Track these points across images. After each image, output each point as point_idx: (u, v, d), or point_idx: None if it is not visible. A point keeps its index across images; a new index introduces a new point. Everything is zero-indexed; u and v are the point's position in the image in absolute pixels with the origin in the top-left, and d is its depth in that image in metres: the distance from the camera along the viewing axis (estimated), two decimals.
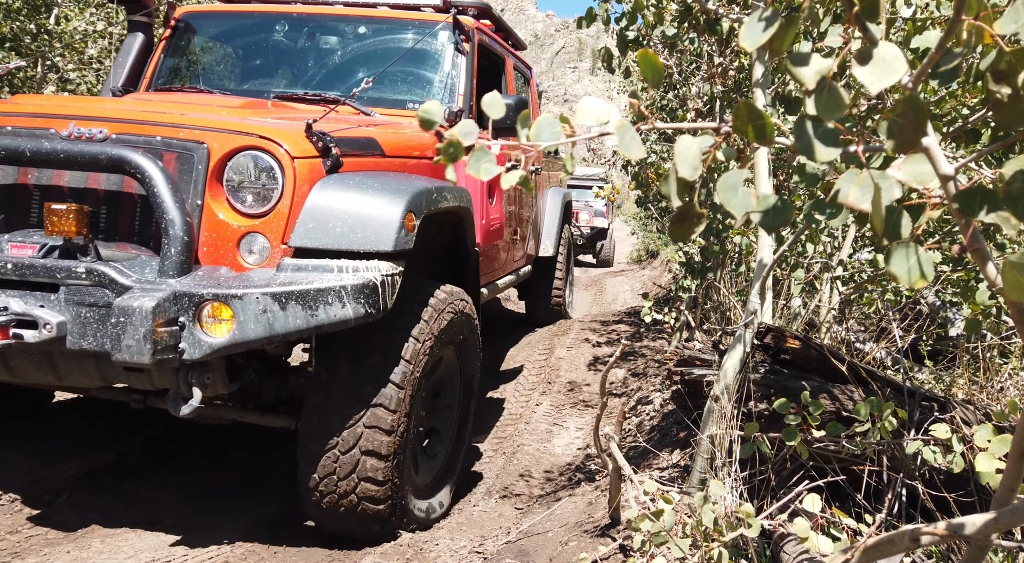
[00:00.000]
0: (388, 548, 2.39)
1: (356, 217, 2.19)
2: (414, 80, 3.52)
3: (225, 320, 2.02)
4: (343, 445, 2.23)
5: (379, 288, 2.12)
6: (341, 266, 2.13)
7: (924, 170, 0.71)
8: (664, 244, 8.49)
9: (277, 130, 2.25)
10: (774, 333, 2.09)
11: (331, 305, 2.05)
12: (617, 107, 0.78)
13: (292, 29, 3.58)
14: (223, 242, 2.17)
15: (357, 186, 2.28)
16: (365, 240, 2.17)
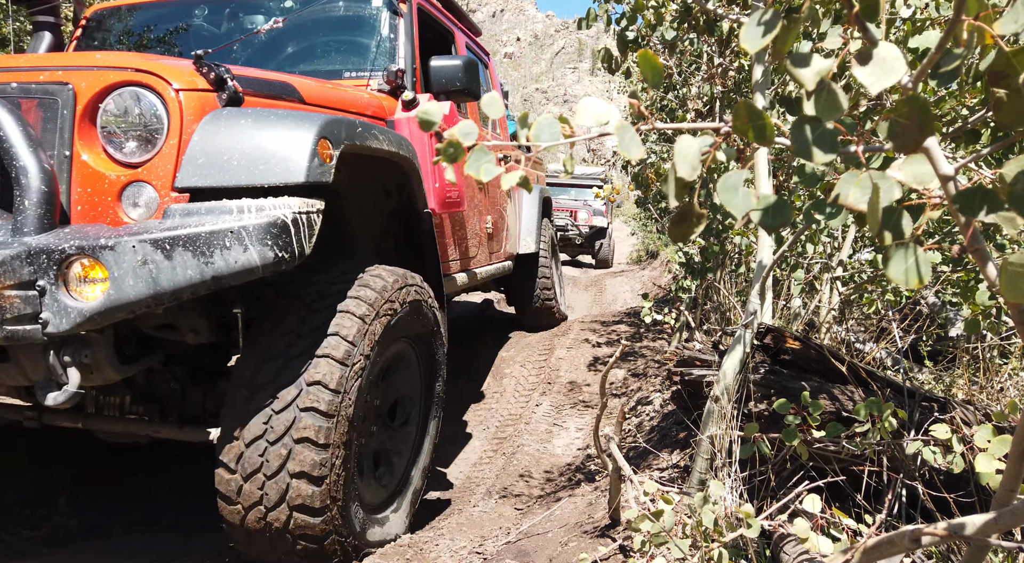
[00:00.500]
0: (388, 549, 2.39)
1: (257, 147, 1.84)
2: (349, 48, 3.27)
3: (98, 281, 1.67)
4: (268, 466, 1.86)
5: (291, 227, 1.79)
6: (242, 206, 1.78)
7: (924, 170, 0.71)
8: (664, 244, 8.50)
9: (158, 63, 1.93)
10: (774, 333, 2.09)
11: (229, 250, 1.71)
12: (617, 107, 0.78)
13: (213, 12, 3.35)
14: (100, 197, 1.83)
15: (256, 115, 1.93)
16: (269, 172, 1.83)
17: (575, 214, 12.87)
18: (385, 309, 2.18)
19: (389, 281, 2.24)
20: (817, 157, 0.71)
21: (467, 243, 3.86)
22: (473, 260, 3.99)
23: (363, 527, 2.17)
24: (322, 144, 1.93)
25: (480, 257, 4.13)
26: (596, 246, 13.10)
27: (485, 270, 4.19)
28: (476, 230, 4.03)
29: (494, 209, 4.53)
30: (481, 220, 4.17)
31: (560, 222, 12.55)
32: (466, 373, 4.69)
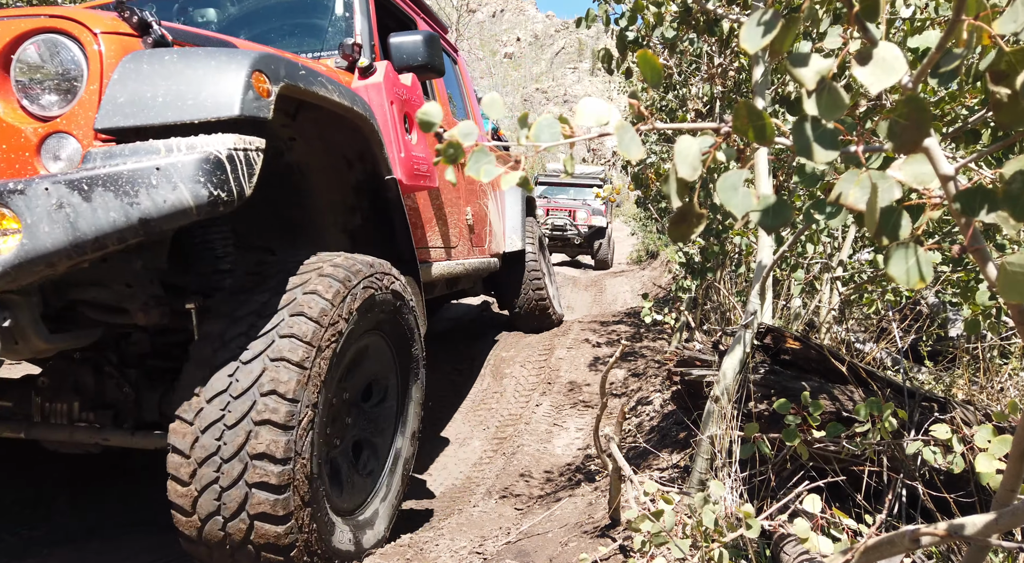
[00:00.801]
0: (388, 549, 2.39)
1: (185, 81, 1.70)
2: (306, 31, 3.19)
3: (10, 232, 1.52)
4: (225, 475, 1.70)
5: (225, 164, 1.64)
6: (171, 145, 1.63)
7: (924, 170, 0.71)
8: (664, 245, 8.50)
9: (75, 9, 1.82)
10: (774, 333, 2.09)
11: (156, 188, 1.56)
12: (617, 108, 0.78)
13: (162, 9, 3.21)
14: (17, 152, 1.71)
15: (183, 53, 1.78)
16: (199, 107, 1.68)
17: (574, 214, 12.70)
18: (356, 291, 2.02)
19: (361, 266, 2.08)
20: (817, 157, 0.71)
21: (446, 230, 3.71)
22: (454, 250, 3.87)
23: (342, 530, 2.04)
24: (257, 77, 1.77)
25: (462, 248, 4.01)
26: (595, 246, 12.91)
27: (468, 262, 4.07)
28: (455, 218, 3.90)
29: (473, 200, 4.38)
30: (460, 208, 4.04)
31: (558, 222, 12.45)
32: (466, 373, 4.69)
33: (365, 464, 2.36)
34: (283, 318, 1.82)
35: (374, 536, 2.25)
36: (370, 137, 2.43)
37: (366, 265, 2.12)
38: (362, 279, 2.06)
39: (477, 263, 4.26)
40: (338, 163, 2.52)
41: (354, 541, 2.10)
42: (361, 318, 2.07)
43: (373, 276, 2.14)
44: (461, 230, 4.02)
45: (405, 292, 2.37)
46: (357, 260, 2.11)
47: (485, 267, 4.51)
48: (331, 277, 1.95)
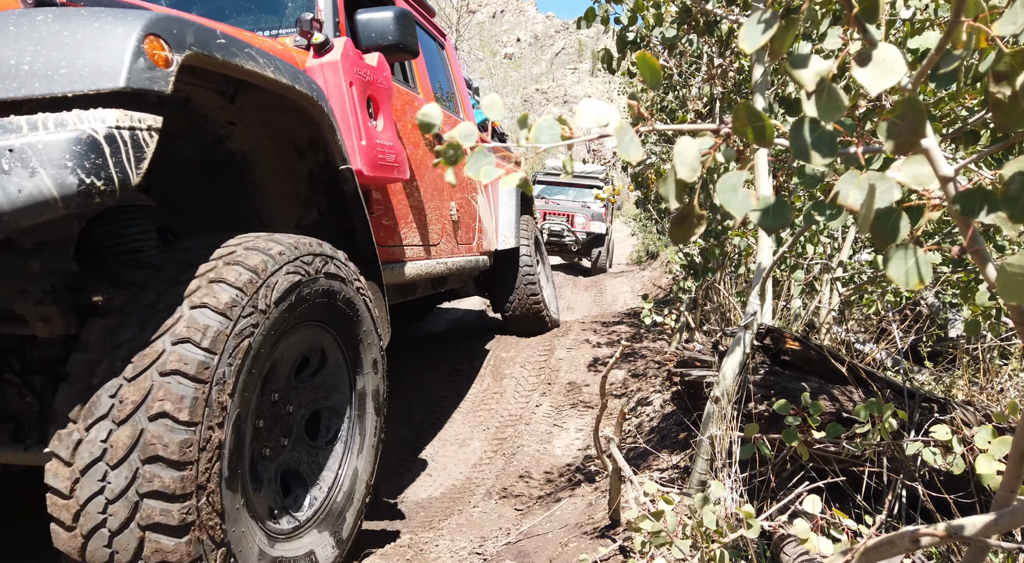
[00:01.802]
0: (389, 549, 2.39)
1: (59, 46, 1.40)
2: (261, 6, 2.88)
3: None
4: (110, 489, 1.42)
5: (103, 145, 1.36)
6: (36, 121, 1.35)
7: (924, 171, 0.71)
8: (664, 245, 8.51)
9: None
10: (774, 334, 2.09)
11: (9, 175, 1.29)
12: (617, 108, 0.78)
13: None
14: None
15: (61, 12, 1.47)
16: (75, 76, 1.38)
17: (572, 219, 12.21)
18: (277, 277, 1.71)
19: (283, 247, 1.76)
20: (816, 158, 0.71)
21: (425, 226, 3.40)
22: (436, 248, 3.54)
23: None
24: (152, 43, 1.47)
25: (445, 246, 3.69)
26: (594, 254, 12.40)
27: (453, 261, 3.76)
28: (437, 214, 3.60)
29: (459, 194, 4.08)
30: (442, 203, 3.71)
31: (556, 227, 11.99)
32: (466, 374, 4.69)
33: (303, 494, 2.04)
34: (178, 318, 1.51)
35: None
36: (320, 121, 2.15)
37: (289, 246, 1.79)
38: (284, 264, 1.74)
39: (463, 262, 3.99)
40: (287, 151, 2.27)
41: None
42: (288, 312, 1.75)
43: (299, 260, 1.81)
44: (444, 226, 3.71)
45: (350, 277, 2.07)
46: (279, 241, 1.79)
47: (473, 266, 4.22)
48: (241, 264, 1.63)
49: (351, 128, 2.40)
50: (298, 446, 2.03)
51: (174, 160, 2.17)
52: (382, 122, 2.66)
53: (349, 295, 2.07)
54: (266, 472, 1.88)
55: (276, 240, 1.80)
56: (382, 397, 2.36)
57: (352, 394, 2.21)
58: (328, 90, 2.36)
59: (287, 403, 1.95)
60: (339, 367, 2.18)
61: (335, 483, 2.11)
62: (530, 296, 5.09)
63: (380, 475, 3.18)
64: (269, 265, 1.70)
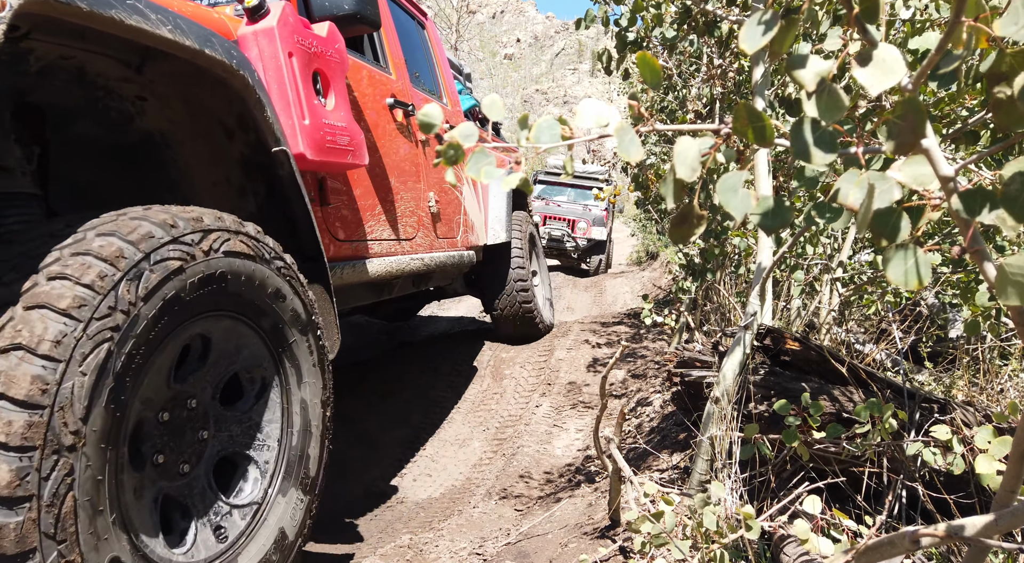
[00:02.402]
0: (389, 549, 2.39)
1: None
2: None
3: None
4: None
5: None
6: None
7: (924, 172, 0.71)
8: (664, 246, 8.50)
9: None
10: (774, 335, 2.09)
11: None
12: (617, 109, 0.78)
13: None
14: None
15: None
16: None
17: (573, 225, 11.90)
18: (122, 301, 1.34)
19: (135, 238, 1.39)
20: (816, 159, 0.71)
21: (396, 219, 3.06)
22: (411, 242, 3.23)
23: None
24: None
25: (422, 240, 3.39)
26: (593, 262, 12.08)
27: (432, 257, 3.45)
28: (412, 205, 3.29)
29: (440, 183, 3.75)
30: (419, 193, 3.38)
31: (556, 233, 11.67)
32: (466, 374, 4.69)
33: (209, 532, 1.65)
34: (7, 321, 1.23)
35: None
36: (244, 95, 1.88)
37: (162, 225, 1.46)
38: (156, 248, 1.43)
39: (444, 257, 3.66)
40: (213, 132, 2.01)
41: None
42: (169, 306, 1.44)
43: (178, 241, 1.47)
44: (421, 219, 3.39)
45: (266, 255, 1.75)
46: (149, 218, 1.47)
47: (457, 262, 3.89)
48: (91, 254, 1.34)
49: (291, 105, 2.10)
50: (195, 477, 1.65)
51: (77, 142, 1.91)
52: (333, 100, 2.32)
53: (265, 277, 1.74)
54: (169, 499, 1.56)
55: (145, 217, 1.47)
56: (321, 408, 1.96)
57: (284, 402, 1.87)
58: (264, 61, 2.05)
59: (198, 429, 1.64)
60: (270, 373, 1.86)
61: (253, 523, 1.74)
62: (520, 297, 4.74)
63: (380, 475, 3.18)
64: (129, 253, 1.37)
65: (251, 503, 1.76)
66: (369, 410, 4.00)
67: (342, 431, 3.65)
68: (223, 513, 1.69)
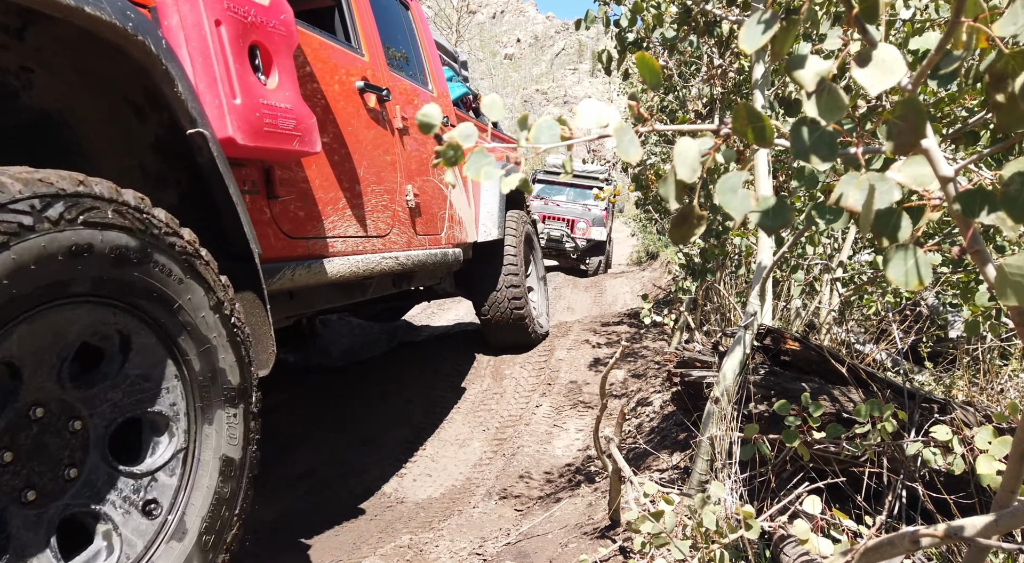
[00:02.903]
0: (389, 549, 2.39)
1: None
2: None
3: None
4: None
5: None
6: None
7: (924, 172, 0.71)
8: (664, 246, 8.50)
9: None
10: (774, 335, 2.09)
11: None
12: (617, 109, 0.78)
13: None
14: None
15: None
16: None
17: (572, 225, 11.69)
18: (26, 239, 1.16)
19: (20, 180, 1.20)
20: (817, 159, 0.71)
21: (364, 214, 2.76)
22: (384, 239, 2.94)
23: None
24: None
25: (398, 237, 3.08)
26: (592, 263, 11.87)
27: (409, 256, 3.15)
28: (385, 198, 2.98)
29: (420, 175, 3.41)
30: (394, 185, 3.07)
31: (555, 233, 11.48)
32: (466, 374, 4.69)
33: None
34: None
35: None
36: (148, 66, 1.58)
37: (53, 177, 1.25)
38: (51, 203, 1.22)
39: (425, 256, 3.35)
40: (120, 110, 1.74)
41: None
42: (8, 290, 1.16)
43: (11, 206, 1.17)
44: (396, 214, 3.10)
45: (153, 228, 1.45)
46: None
47: (440, 261, 3.59)
48: None
49: (218, 81, 1.81)
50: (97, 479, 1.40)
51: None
52: (277, 78, 2.03)
53: (154, 255, 1.45)
54: None
55: None
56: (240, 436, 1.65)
57: (155, 331, 1.50)
58: (185, 29, 1.78)
59: (69, 417, 1.35)
60: (157, 359, 1.52)
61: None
62: (512, 301, 4.39)
63: (380, 475, 3.18)
64: None
65: (174, 454, 1.54)
66: (369, 410, 4.00)
67: (342, 431, 3.66)
68: (144, 486, 1.48)
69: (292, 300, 2.50)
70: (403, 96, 3.31)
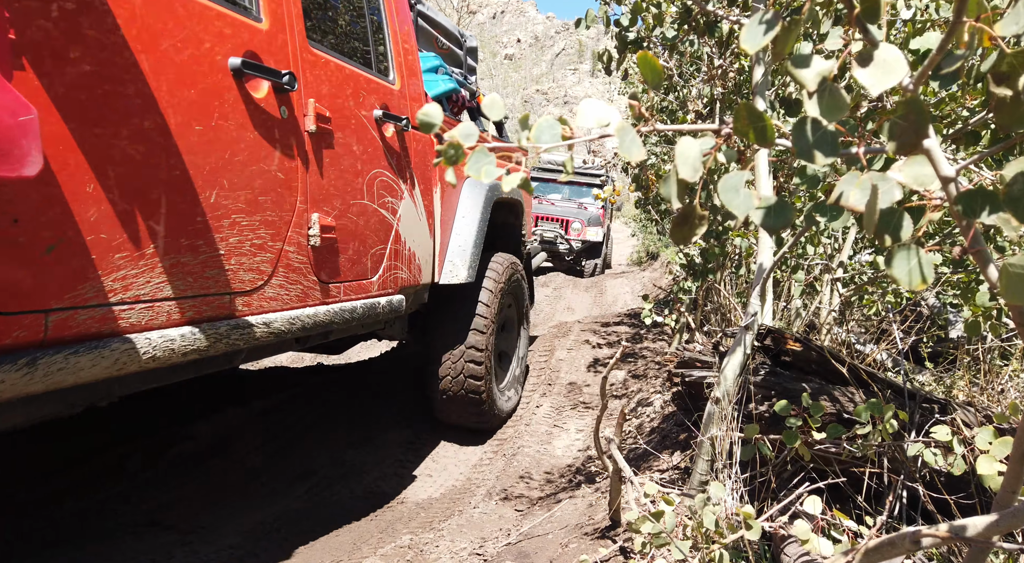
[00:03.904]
0: (389, 549, 2.38)
1: None
2: None
3: None
4: None
5: None
6: None
7: (925, 172, 0.71)
8: (664, 246, 8.49)
9: None
10: (774, 335, 2.09)
11: None
12: (618, 109, 0.78)
13: None
14: None
15: None
16: None
17: (567, 225, 11.23)
18: None
19: None
20: (818, 159, 0.71)
21: (204, 261, 1.81)
22: (240, 299, 1.95)
23: None
24: None
25: (276, 291, 2.09)
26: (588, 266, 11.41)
27: (292, 318, 2.14)
28: (257, 234, 1.99)
29: (344, 196, 2.43)
30: (283, 213, 2.10)
31: (548, 235, 11.01)
32: None
33: None
34: None
35: None
36: None
37: None
38: None
39: (333, 313, 2.36)
40: None
41: None
42: None
43: None
44: (283, 257, 2.10)
45: None
46: None
47: (366, 315, 2.58)
48: None
49: None
50: None
51: None
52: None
53: None
54: None
55: None
56: None
57: None
58: None
59: None
60: None
61: None
62: (469, 366, 3.31)
63: (380, 475, 3.18)
64: None
65: None
66: (369, 410, 4.00)
67: (342, 431, 3.65)
68: None
69: None
70: (327, 85, 2.34)
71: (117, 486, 2.83)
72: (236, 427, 3.50)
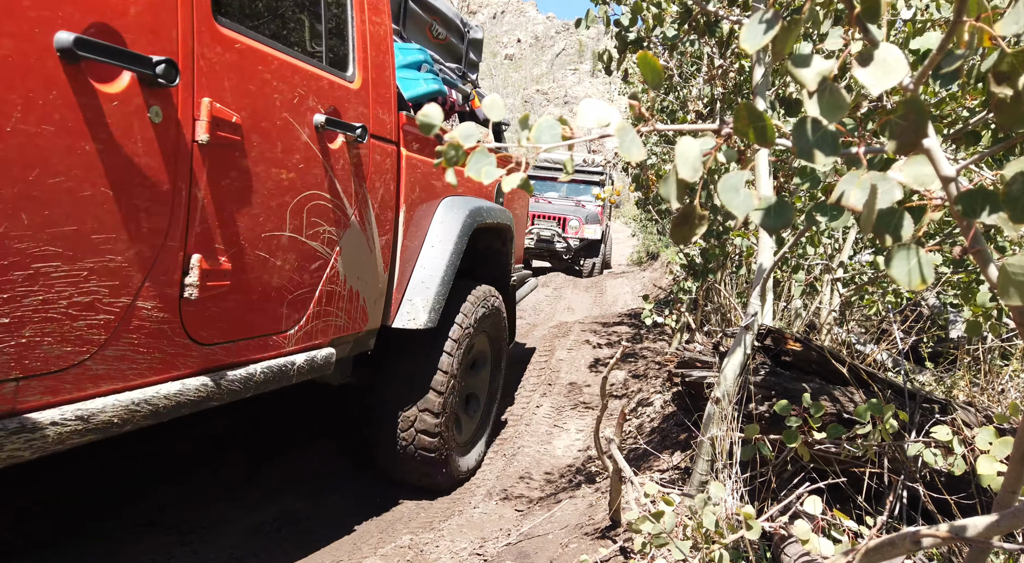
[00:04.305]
0: (389, 549, 2.38)
1: None
2: None
3: None
4: None
5: None
6: None
7: (925, 172, 0.71)
8: (664, 246, 8.49)
9: None
10: (774, 335, 2.08)
11: None
12: (618, 109, 0.78)
13: None
14: None
15: None
16: None
17: (564, 223, 10.97)
18: None
19: None
20: (819, 159, 0.71)
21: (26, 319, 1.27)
22: (73, 373, 1.42)
23: None
24: None
25: (106, 369, 1.50)
26: (587, 265, 11.14)
27: (126, 402, 1.55)
28: (103, 283, 1.43)
29: (251, 225, 1.82)
30: (142, 253, 1.50)
31: (545, 233, 10.78)
32: None
33: None
34: None
35: None
36: None
37: None
38: None
39: (210, 385, 1.75)
40: None
41: None
42: None
43: None
44: (125, 316, 1.49)
45: None
46: None
47: (276, 377, 2.00)
48: None
49: None
50: None
51: None
52: None
53: None
54: None
55: None
56: None
57: None
58: None
59: None
60: None
61: None
62: (421, 437, 2.74)
63: (380, 475, 3.18)
64: None
65: None
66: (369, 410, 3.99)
67: (342, 431, 3.65)
68: None
69: None
70: (238, 79, 1.74)
71: (117, 486, 2.83)
72: (236, 427, 3.50)
